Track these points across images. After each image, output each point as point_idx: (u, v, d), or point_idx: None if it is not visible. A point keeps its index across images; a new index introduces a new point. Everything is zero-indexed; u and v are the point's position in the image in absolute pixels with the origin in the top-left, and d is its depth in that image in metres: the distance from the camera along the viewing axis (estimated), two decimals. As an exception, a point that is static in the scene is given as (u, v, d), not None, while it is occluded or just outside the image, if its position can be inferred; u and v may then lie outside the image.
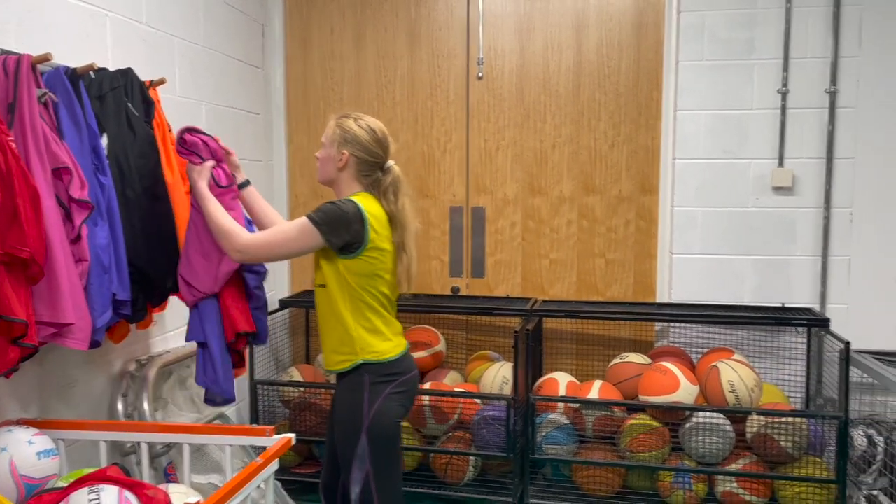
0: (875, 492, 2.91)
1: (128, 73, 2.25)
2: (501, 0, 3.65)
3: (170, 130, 2.39)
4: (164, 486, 1.97)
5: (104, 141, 2.10)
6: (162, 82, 2.47)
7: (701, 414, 3.04)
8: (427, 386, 3.39)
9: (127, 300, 2.08)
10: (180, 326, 2.92)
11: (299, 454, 3.47)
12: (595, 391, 3.20)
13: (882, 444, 2.96)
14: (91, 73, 2.12)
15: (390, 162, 2.28)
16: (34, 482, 1.83)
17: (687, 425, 3.07)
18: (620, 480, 3.19)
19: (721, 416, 3.04)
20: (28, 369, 2.12)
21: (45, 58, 1.93)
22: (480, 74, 3.69)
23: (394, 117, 3.80)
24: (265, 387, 3.45)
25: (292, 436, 2.09)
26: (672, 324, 3.51)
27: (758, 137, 3.38)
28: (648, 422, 3.09)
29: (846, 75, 3.29)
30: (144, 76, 2.37)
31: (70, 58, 2.20)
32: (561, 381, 3.31)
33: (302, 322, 3.92)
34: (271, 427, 2.08)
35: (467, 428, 3.30)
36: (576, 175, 3.64)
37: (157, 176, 2.27)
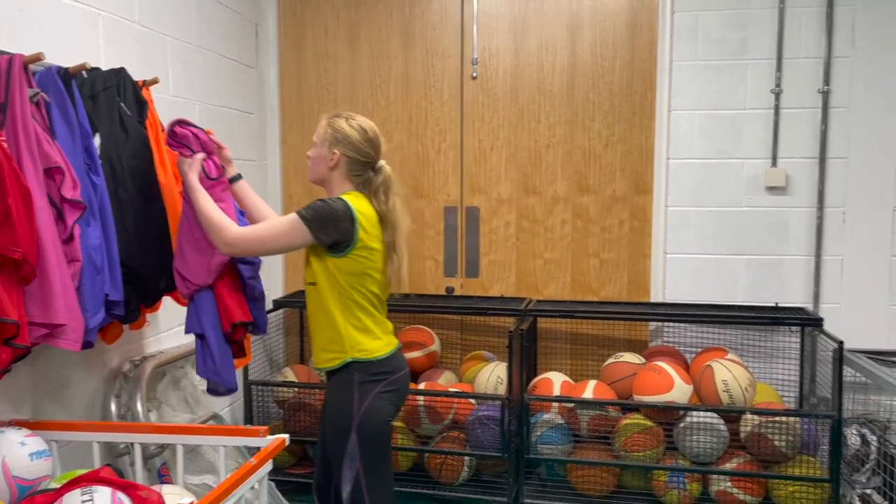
0: (868, 490, 2.92)
1: (120, 73, 2.24)
2: (495, 0, 3.65)
3: (163, 130, 2.38)
4: (158, 487, 1.96)
5: (97, 141, 2.10)
6: (155, 82, 2.46)
7: (695, 413, 3.05)
8: (422, 386, 3.39)
9: (120, 300, 2.08)
10: (174, 327, 2.92)
11: (294, 455, 3.47)
12: (589, 391, 3.21)
13: (875, 443, 2.97)
14: (83, 73, 2.12)
15: (381, 162, 2.28)
16: (27, 483, 1.82)
17: (681, 425, 3.08)
18: (615, 480, 3.20)
19: (715, 416, 3.04)
20: (20, 370, 2.11)
21: (37, 57, 1.92)
22: (475, 74, 3.69)
23: (388, 117, 3.80)
24: (259, 387, 3.45)
25: (286, 436, 2.08)
26: (666, 323, 3.52)
27: (751, 137, 3.39)
28: (643, 421, 3.09)
29: (839, 75, 3.30)
30: (137, 76, 2.37)
31: (62, 57, 2.19)
32: (555, 381, 3.31)
33: (296, 322, 3.92)
34: (265, 427, 2.07)
35: (462, 428, 3.30)
36: (570, 175, 3.65)
37: (150, 176, 2.27)
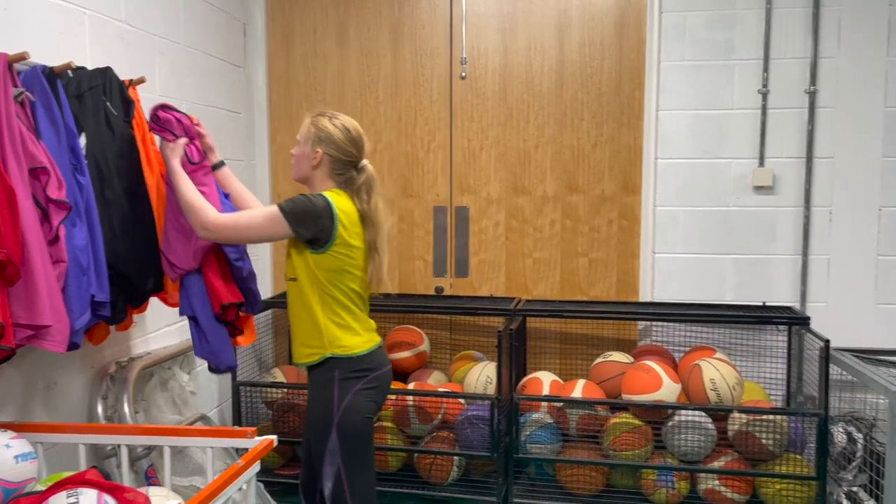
0: (855, 488, 2.94)
1: (106, 72, 2.23)
2: (484, 0, 3.65)
3: (150, 130, 2.36)
4: (145, 489, 1.95)
5: (82, 140, 2.08)
6: (141, 81, 2.44)
7: (683, 412, 3.06)
8: (411, 386, 3.39)
9: (106, 301, 2.06)
10: (161, 328, 2.90)
11: (282, 456, 3.45)
12: (578, 390, 3.21)
13: (861, 441, 2.99)
14: (69, 72, 2.10)
15: (364, 161, 2.29)
16: (12, 486, 1.80)
17: (669, 423, 3.09)
18: (604, 479, 3.21)
19: (703, 415, 3.06)
20: (5, 371, 2.09)
21: (22, 56, 1.90)
22: (464, 74, 3.69)
23: (377, 116, 3.79)
24: (248, 388, 3.43)
25: (274, 437, 2.07)
26: (654, 323, 3.53)
27: (738, 137, 3.41)
28: (631, 420, 3.10)
29: (825, 76, 3.32)
30: (124, 75, 2.35)
31: (47, 57, 2.17)
32: (545, 381, 3.32)
33: (285, 323, 3.90)
34: (253, 429, 2.06)
35: (451, 428, 3.30)
36: (559, 175, 3.65)
37: (137, 176, 2.26)
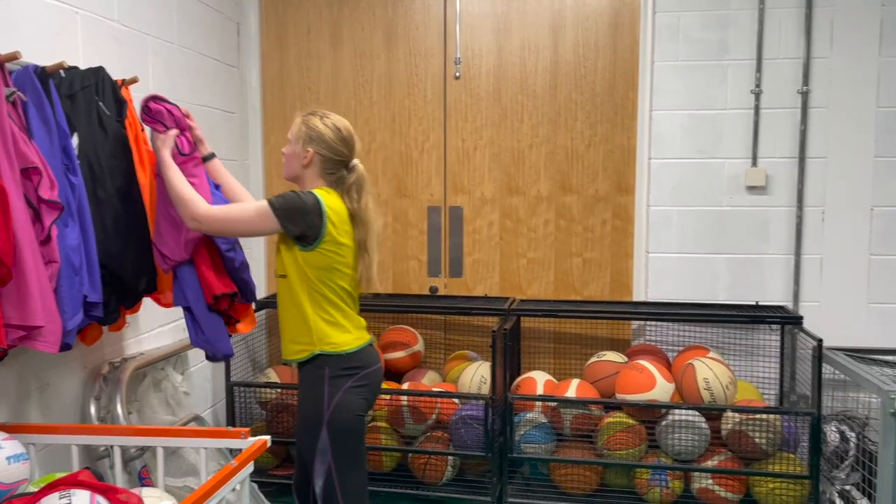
0: (848, 487, 2.95)
1: (99, 72, 2.22)
2: (478, 0, 3.65)
3: (142, 130, 2.36)
4: (138, 490, 1.95)
5: (75, 140, 2.08)
6: (134, 81, 2.43)
7: (677, 411, 3.07)
8: (405, 386, 3.39)
9: (98, 302, 2.06)
10: (154, 328, 2.89)
11: (277, 456, 3.45)
12: (572, 390, 3.22)
13: (854, 440, 3.00)
14: (61, 72, 2.10)
15: (355, 161, 2.30)
16: (4, 487, 1.80)
17: (663, 423, 3.10)
18: (598, 478, 3.21)
19: (696, 414, 3.07)
20: (-3, 373, 2.09)
21: (14, 56, 1.90)
22: (458, 74, 3.69)
23: (371, 117, 3.79)
24: (242, 388, 3.42)
25: (267, 438, 2.07)
26: (648, 322, 3.54)
27: (732, 137, 3.42)
28: (625, 420, 3.11)
29: (818, 76, 3.33)
30: (116, 75, 2.34)
31: (39, 56, 2.16)
32: (539, 380, 3.32)
33: (278, 323, 3.89)
34: (246, 429, 2.06)
35: (445, 428, 3.30)
36: (553, 175, 3.66)
37: (130, 176, 2.25)
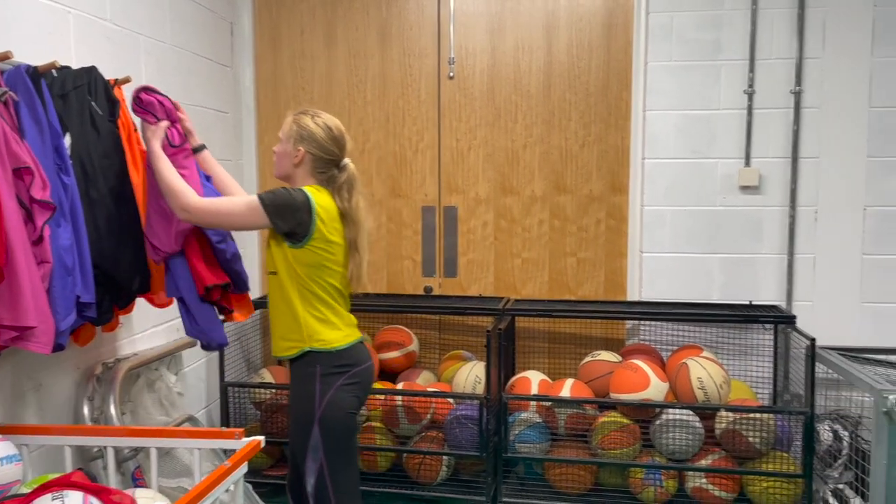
0: (841, 485, 2.96)
1: (91, 72, 2.21)
2: (472, 0, 3.65)
3: (135, 130, 2.35)
4: (132, 491, 1.94)
5: (67, 140, 2.07)
6: (127, 81, 2.42)
7: (671, 411, 3.07)
8: (400, 386, 3.39)
9: (91, 302, 2.05)
10: (148, 328, 2.89)
11: (271, 456, 3.44)
12: (567, 389, 3.22)
13: (847, 439, 3.02)
14: (53, 72, 2.09)
15: (346, 160, 2.31)
16: (-4, 489, 1.79)
17: (657, 422, 3.10)
18: (592, 478, 3.22)
19: (690, 413, 3.07)
20: (-11, 374, 2.08)
21: (6, 56, 1.89)
22: (452, 74, 3.69)
23: (365, 117, 3.79)
24: (236, 389, 3.42)
25: (261, 438, 2.07)
26: (642, 322, 3.55)
27: (725, 137, 3.43)
28: (620, 419, 3.11)
29: (811, 76, 3.34)
30: (109, 74, 2.33)
31: (32, 56, 2.15)
32: (533, 380, 3.32)
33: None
34: (240, 430, 2.06)
35: (440, 428, 3.30)
36: (547, 175, 3.66)
37: (122, 176, 2.25)
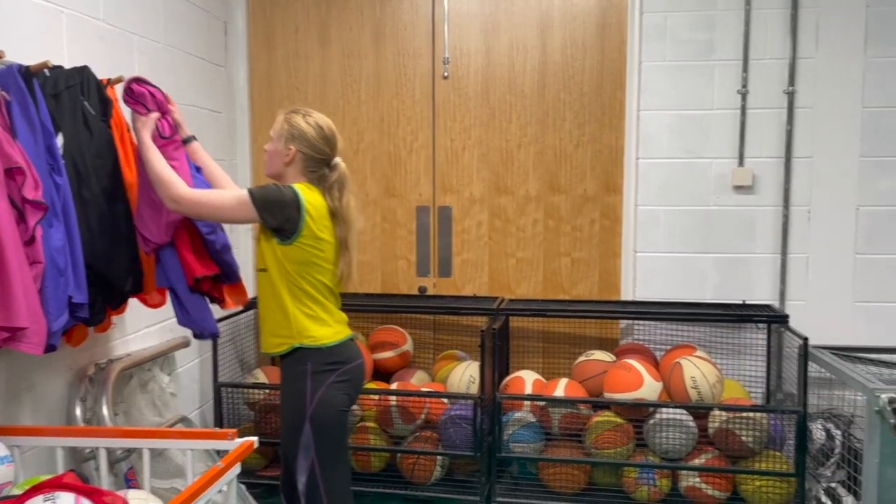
0: (833, 484, 2.97)
1: (84, 71, 2.20)
2: (466, 0, 3.65)
3: (128, 130, 2.35)
4: (124, 492, 1.94)
5: (59, 140, 2.06)
6: (120, 80, 2.41)
7: (664, 410, 3.08)
8: (394, 386, 3.39)
9: (84, 303, 2.04)
10: (141, 329, 2.88)
11: (265, 457, 3.44)
12: (561, 389, 3.23)
13: (840, 438, 3.03)
14: (45, 71, 2.08)
15: (337, 159, 2.31)
16: (-13, 490, 1.79)
17: (651, 421, 3.11)
18: (586, 477, 3.22)
19: (684, 412, 3.08)
20: (-19, 375, 2.07)
21: (-3, 55, 1.88)
22: (446, 74, 3.69)
23: (359, 116, 3.78)
24: (229, 389, 3.41)
25: (254, 439, 2.07)
26: (636, 321, 3.55)
27: (718, 137, 3.44)
28: (613, 419, 3.12)
29: (804, 76, 3.35)
30: (102, 74, 2.33)
31: (24, 55, 2.14)
32: (527, 380, 3.33)
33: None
34: (233, 430, 2.06)
35: (434, 427, 3.30)
36: (541, 175, 3.66)
37: (115, 176, 2.24)
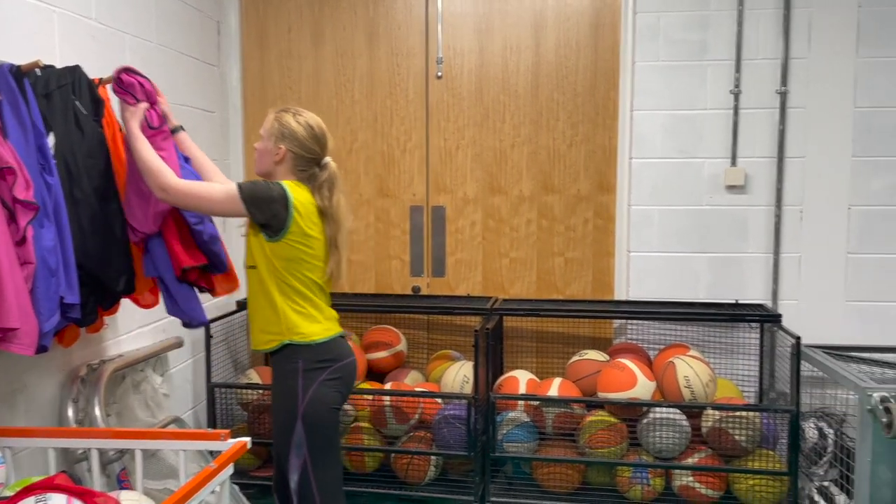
0: (826, 483, 2.98)
1: (75, 71, 2.19)
2: (460, 0, 3.66)
3: (120, 130, 2.34)
4: (117, 493, 1.93)
5: (51, 140, 2.05)
6: (111, 80, 2.40)
7: (658, 409, 3.09)
8: (388, 386, 3.39)
9: (76, 303, 2.03)
10: (133, 329, 2.87)
11: (258, 457, 3.43)
12: (555, 389, 3.23)
13: (832, 437, 3.04)
14: (37, 71, 2.07)
15: (327, 158, 2.31)
16: (-22, 492, 1.78)
17: (644, 421, 3.11)
18: (580, 476, 3.23)
19: (677, 412, 3.09)
20: (-28, 376, 2.06)
21: (-13, 54, 1.87)
22: (440, 74, 3.69)
23: (353, 116, 3.78)
24: (223, 390, 3.40)
25: (247, 440, 2.06)
26: (629, 321, 3.56)
27: (711, 137, 3.44)
28: (607, 418, 3.12)
29: (796, 76, 3.36)
30: (93, 73, 2.31)
31: (15, 55, 2.13)
32: (521, 379, 3.33)
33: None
34: (226, 431, 2.05)
35: (428, 427, 3.29)
36: (535, 174, 3.66)
37: (107, 175, 2.23)
